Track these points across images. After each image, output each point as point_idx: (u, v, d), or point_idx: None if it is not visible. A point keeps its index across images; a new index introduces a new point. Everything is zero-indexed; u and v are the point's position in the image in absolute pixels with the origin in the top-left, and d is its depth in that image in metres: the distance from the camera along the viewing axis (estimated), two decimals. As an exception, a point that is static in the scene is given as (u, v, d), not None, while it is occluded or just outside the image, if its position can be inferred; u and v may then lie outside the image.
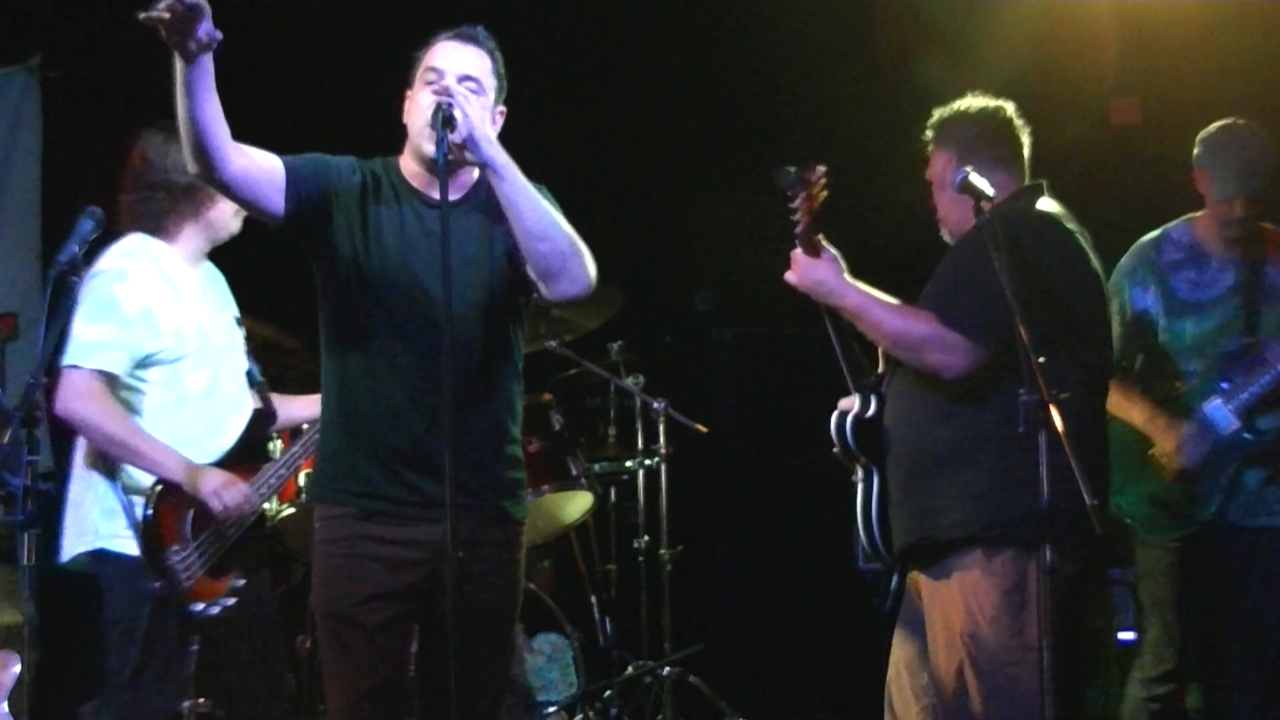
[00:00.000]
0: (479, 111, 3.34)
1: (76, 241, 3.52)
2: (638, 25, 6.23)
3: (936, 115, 3.92)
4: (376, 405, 3.38)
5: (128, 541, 3.86)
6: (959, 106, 3.91)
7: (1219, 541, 4.24)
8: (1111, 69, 6.08)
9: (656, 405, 5.76)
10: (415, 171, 3.45)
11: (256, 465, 3.99)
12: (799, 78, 6.10)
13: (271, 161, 3.33)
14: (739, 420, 6.64)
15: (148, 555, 3.81)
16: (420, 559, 3.34)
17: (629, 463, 5.92)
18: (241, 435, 4.00)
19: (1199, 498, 4.23)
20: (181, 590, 3.81)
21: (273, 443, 4.29)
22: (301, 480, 4.97)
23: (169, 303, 3.93)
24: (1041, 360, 3.28)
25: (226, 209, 3.99)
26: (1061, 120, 6.06)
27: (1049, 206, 3.80)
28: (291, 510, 4.85)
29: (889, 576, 3.86)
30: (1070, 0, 6.05)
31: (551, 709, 5.46)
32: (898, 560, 3.76)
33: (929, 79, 5.74)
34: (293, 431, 4.27)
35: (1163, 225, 4.53)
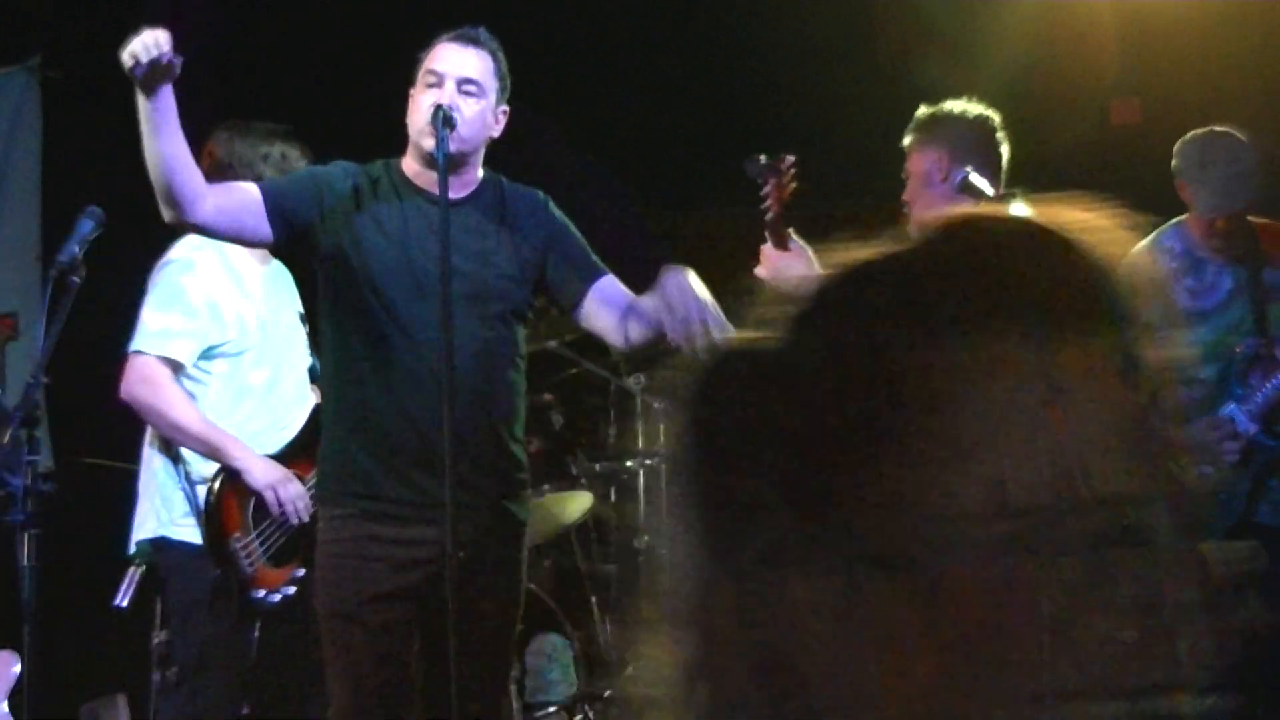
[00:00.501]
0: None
1: (76, 241, 3.53)
2: (637, 25, 6.23)
3: (926, 113, 3.91)
4: (378, 404, 3.38)
5: (189, 529, 3.89)
6: (952, 108, 3.90)
7: (1255, 540, 4.16)
8: (1111, 69, 6.08)
9: (657, 405, 5.76)
10: (417, 171, 3.46)
11: (311, 458, 3.99)
12: (799, 78, 6.09)
13: (245, 194, 3.34)
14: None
15: (210, 542, 3.84)
16: (423, 559, 3.34)
17: (629, 463, 5.92)
18: (302, 430, 4.01)
19: (1221, 503, 4.17)
20: (244, 577, 3.82)
21: None
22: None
23: (233, 296, 3.96)
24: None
25: None
26: (1061, 120, 6.06)
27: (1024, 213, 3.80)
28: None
29: None
30: (1070, 0, 6.05)
31: (551, 709, 5.45)
32: None
33: (929, 79, 5.74)
34: None
35: (1162, 225, 4.50)
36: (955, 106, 3.90)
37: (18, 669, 3.80)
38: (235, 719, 3.96)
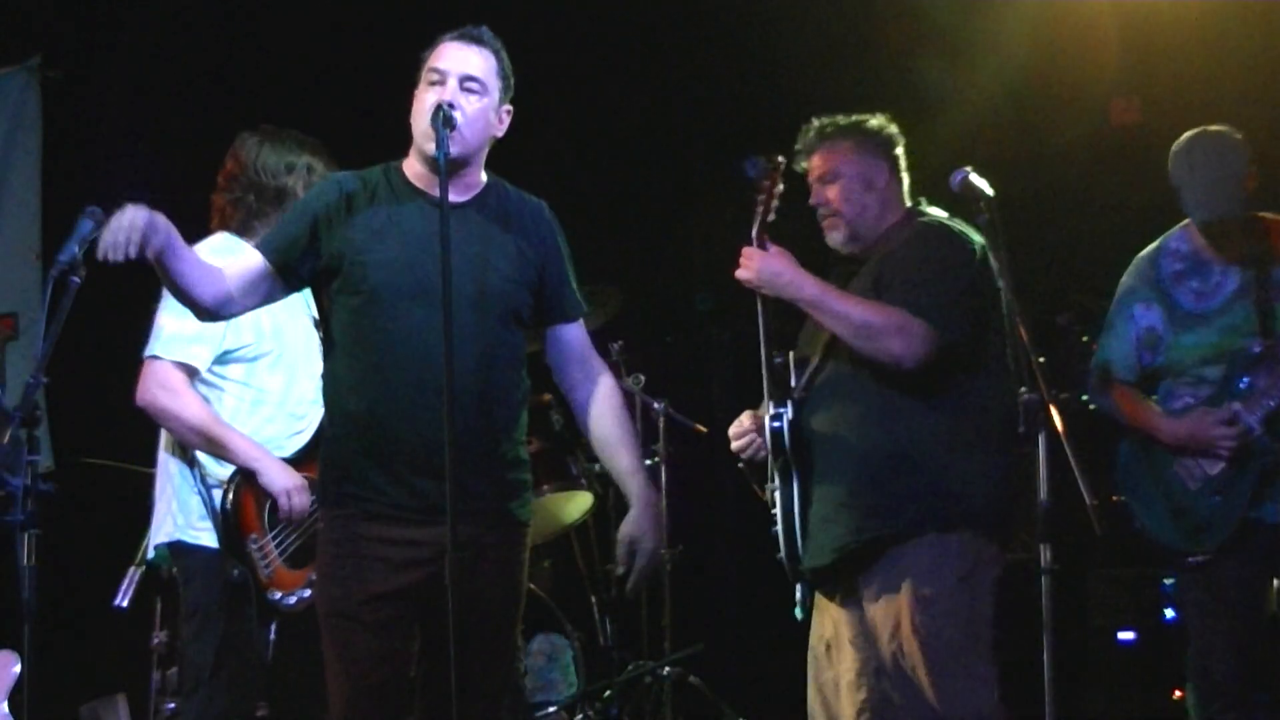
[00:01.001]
0: None
1: (76, 241, 3.52)
2: (638, 25, 6.23)
3: (860, 119, 3.89)
4: (379, 408, 3.38)
5: (204, 533, 3.88)
6: (875, 121, 3.89)
7: (1261, 539, 4.14)
8: (1111, 69, 6.08)
9: (656, 405, 5.76)
10: (420, 172, 3.46)
11: None
12: (799, 78, 6.09)
13: (254, 268, 3.41)
14: (739, 420, 6.63)
15: (227, 544, 3.84)
16: (423, 559, 3.34)
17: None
18: (316, 432, 4.01)
19: (1227, 503, 4.15)
20: (262, 579, 3.83)
21: None
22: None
23: None
24: (1041, 360, 3.28)
25: None
26: (1061, 120, 6.07)
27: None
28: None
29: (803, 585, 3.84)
30: (1070, 0, 6.05)
31: (551, 709, 5.46)
32: (831, 565, 3.71)
33: (929, 79, 5.75)
34: None
35: (1161, 225, 4.50)
36: (876, 119, 3.91)
37: (18, 669, 3.80)
38: None
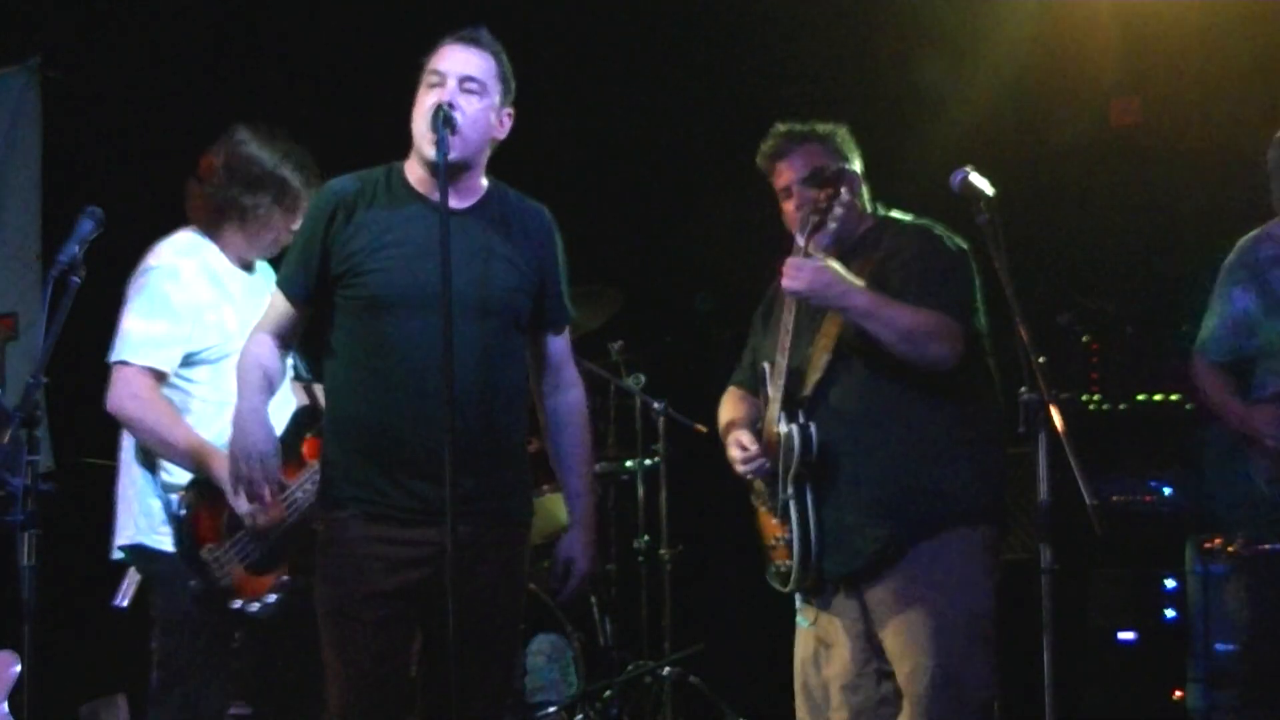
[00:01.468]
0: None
1: (76, 241, 3.53)
2: (638, 25, 6.23)
3: (833, 128, 3.90)
4: (380, 414, 3.39)
5: (167, 538, 3.87)
6: (840, 130, 3.90)
7: None
8: (1111, 69, 6.08)
9: (656, 405, 5.76)
10: (420, 176, 3.46)
11: (300, 464, 3.99)
12: (799, 78, 6.10)
13: (290, 315, 3.52)
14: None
15: (181, 552, 3.82)
16: (422, 559, 3.34)
17: (629, 463, 5.92)
18: (282, 434, 4.00)
19: None
20: (218, 587, 3.81)
21: None
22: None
23: (215, 301, 3.93)
24: (1041, 360, 3.29)
25: (276, 227, 3.98)
26: (1061, 120, 6.07)
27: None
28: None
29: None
30: (1070, 0, 6.05)
31: (551, 709, 5.45)
32: (863, 570, 3.72)
33: (929, 79, 5.75)
34: None
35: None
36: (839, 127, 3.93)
37: (18, 669, 3.80)
38: None
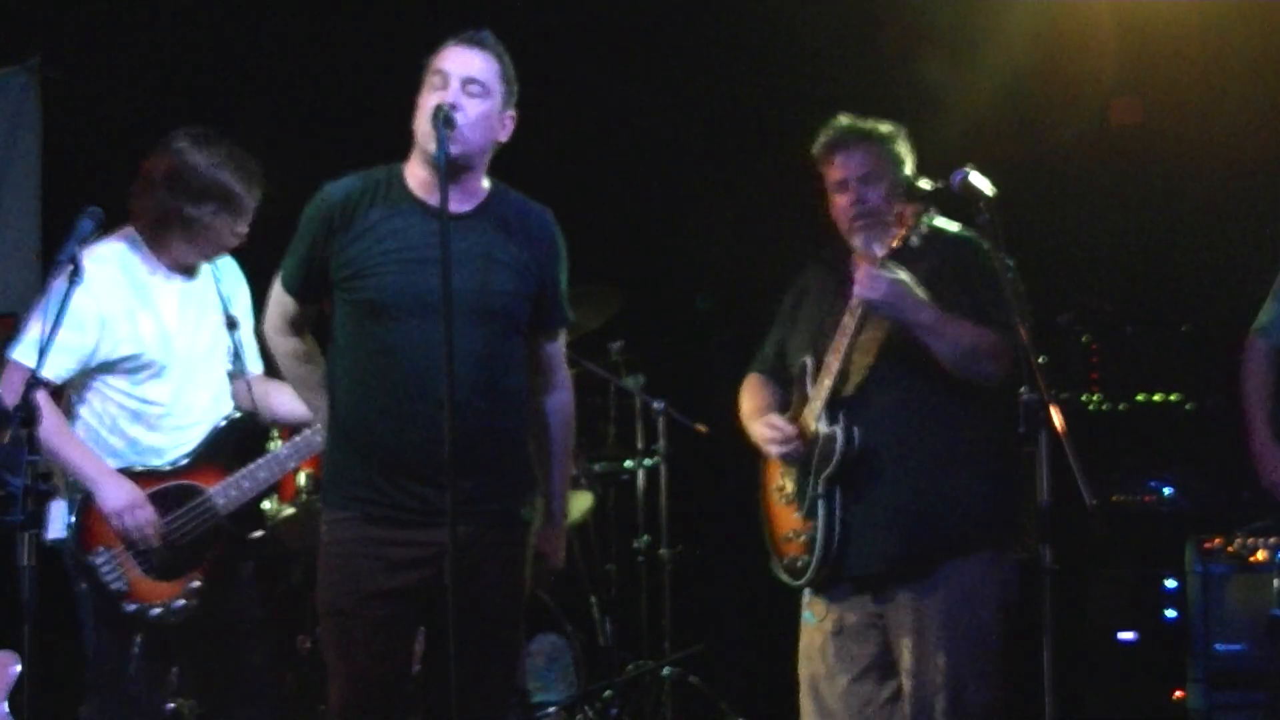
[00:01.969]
0: None
1: (76, 241, 3.52)
2: (639, 25, 6.23)
3: (895, 130, 3.90)
4: (380, 418, 3.39)
5: None
6: (901, 133, 3.90)
7: None
8: (1111, 69, 6.07)
9: (656, 405, 5.76)
10: (422, 178, 3.45)
11: (225, 468, 3.98)
12: (799, 78, 6.09)
13: (297, 310, 3.53)
14: (739, 420, 6.63)
15: (72, 557, 3.85)
16: (423, 559, 3.34)
17: (629, 463, 5.92)
18: (206, 439, 3.99)
19: None
20: (108, 591, 3.82)
21: (272, 442, 4.28)
22: (301, 480, 4.96)
23: (133, 310, 3.92)
24: (1041, 360, 3.30)
25: (222, 235, 3.98)
26: (1061, 120, 6.06)
27: None
28: (292, 510, 4.84)
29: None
30: (1070, 0, 6.04)
31: (551, 709, 5.45)
32: (881, 574, 3.73)
33: (929, 79, 5.74)
34: (292, 430, 4.26)
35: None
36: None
37: (18, 669, 3.80)
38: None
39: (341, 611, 3.40)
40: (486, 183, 3.51)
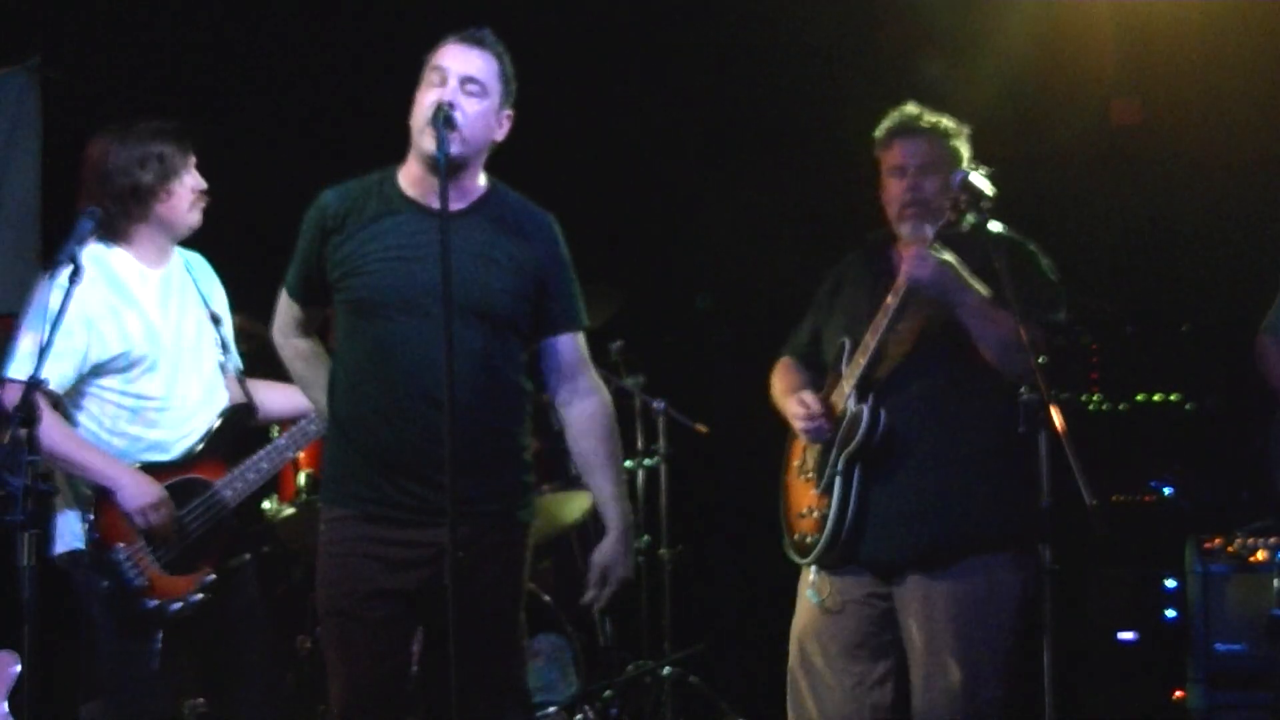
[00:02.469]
0: None
1: (76, 241, 3.52)
2: (639, 25, 6.23)
3: (959, 126, 3.91)
4: (379, 418, 3.40)
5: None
6: (963, 130, 3.91)
7: None
8: (1111, 69, 6.08)
9: (656, 405, 5.76)
10: (417, 177, 3.45)
11: (226, 461, 3.98)
12: (800, 78, 6.09)
13: (299, 314, 3.58)
14: (739, 420, 6.64)
15: (92, 555, 3.84)
16: (423, 559, 3.34)
17: (629, 463, 5.92)
18: (209, 432, 3.99)
19: None
20: (131, 588, 3.82)
21: (273, 434, 4.29)
22: (301, 480, 4.96)
23: (117, 308, 3.90)
24: (1041, 360, 3.30)
25: (180, 205, 3.95)
26: (1061, 120, 6.06)
27: None
28: (292, 510, 4.84)
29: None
30: (1070, 0, 6.04)
31: (551, 709, 5.45)
32: (904, 561, 3.74)
33: (929, 79, 5.74)
34: (290, 424, 4.26)
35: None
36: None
37: (18, 669, 3.80)
38: None
39: (341, 612, 3.40)
40: (483, 180, 3.51)
